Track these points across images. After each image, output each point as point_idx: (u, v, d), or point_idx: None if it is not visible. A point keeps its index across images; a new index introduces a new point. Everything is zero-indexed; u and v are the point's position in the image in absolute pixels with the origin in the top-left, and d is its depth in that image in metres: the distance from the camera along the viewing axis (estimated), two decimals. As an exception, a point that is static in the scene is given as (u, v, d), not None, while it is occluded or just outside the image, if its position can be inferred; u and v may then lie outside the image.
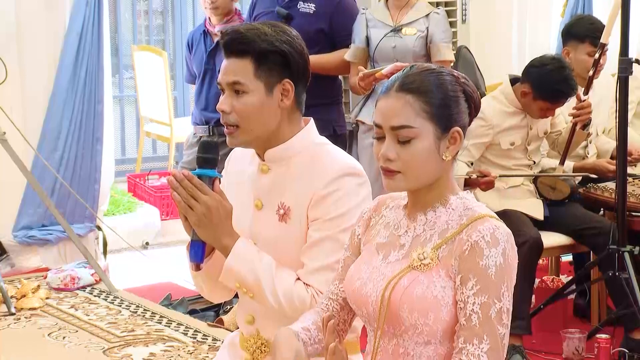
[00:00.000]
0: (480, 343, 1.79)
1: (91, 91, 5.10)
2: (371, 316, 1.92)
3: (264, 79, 2.17)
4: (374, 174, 4.11)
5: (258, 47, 2.15)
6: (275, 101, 2.19)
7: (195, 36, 4.89)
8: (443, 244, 1.87)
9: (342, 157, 2.25)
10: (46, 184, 4.94)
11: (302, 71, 2.22)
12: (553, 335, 3.96)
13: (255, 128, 2.19)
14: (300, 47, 2.22)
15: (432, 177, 1.90)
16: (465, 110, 1.92)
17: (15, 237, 5.02)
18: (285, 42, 2.17)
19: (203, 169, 2.14)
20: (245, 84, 2.17)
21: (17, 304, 4.41)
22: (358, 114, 4.28)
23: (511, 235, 1.86)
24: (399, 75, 1.92)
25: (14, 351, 3.90)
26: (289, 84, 2.19)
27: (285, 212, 2.21)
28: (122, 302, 4.51)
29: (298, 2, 4.18)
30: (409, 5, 4.18)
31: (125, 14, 7.72)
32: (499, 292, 1.81)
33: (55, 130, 5.04)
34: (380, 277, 1.91)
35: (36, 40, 5.01)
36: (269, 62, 2.16)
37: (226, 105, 2.20)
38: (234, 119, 2.19)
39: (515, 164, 4.09)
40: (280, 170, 2.24)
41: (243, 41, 2.16)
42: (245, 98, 2.18)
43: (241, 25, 2.21)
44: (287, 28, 2.23)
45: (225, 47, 2.19)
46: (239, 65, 2.17)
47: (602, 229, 3.95)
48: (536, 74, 3.95)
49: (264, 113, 2.18)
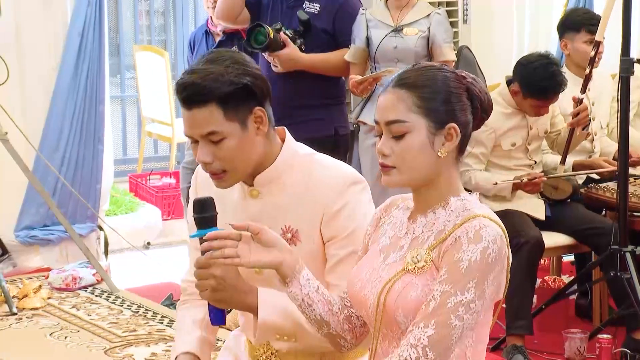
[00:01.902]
0: (425, 327, 1.77)
1: (92, 91, 5.11)
2: (370, 319, 1.92)
3: (236, 118, 2.10)
4: (376, 174, 4.12)
5: (219, 92, 2.07)
6: (252, 133, 2.13)
7: (197, 36, 4.90)
8: (437, 245, 1.86)
9: (339, 167, 2.22)
10: (48, 184, 4.95)
11: (266, 91, 2.15)
12: (555, 336, 3.96)
13: (243, 166, 2.14)
14: (256, 69, 2.15)
15: (427, 173, 1.89)
16: (467, 108, 1.90)
17: (17, 237, 5.03)
18: (241, 73, 2.10)
19: (201, 230, 2.04)
20: (221, 130, 2.08)
21: (19, 304, 4.42)
22: (359, 114, 4.28)
23: (502, 237, 1.83)
24: (398, 72, 1.93)
25: (16, 351, 3.91)
26: (260, 111, 2.13)
27: (293, 235, 2.17)
28: (124, 302, 4.52)
29: (304, 2, 4.17)
30: (410, 6, 4.17)
31: (127, 14, 7.73)
32: (464, 285, 1.78)
33: (56, 131, 5.05)
34: (378, 279, 1.91)
35: (37, 40, 5.02)
36: (234, 100, 2.09)
37: (207, 156, 2.11)
38: (219, 166, 2.12)
39: (516, 164, 4.09)
40: (273, 192, 2.19)
41: (203, 92, 2.07)
42: (224, 144, 2.10)
43: (193, 74, 2.09)
44: (235, 55, 2.14)
45: (186, 101, 2.09)
46: (206, 115, 2.08)
47: (603, 229, 3.94)
48: (523, 72, 3.96)
49: (246, 150, 2.13)
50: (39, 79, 5.04)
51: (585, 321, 4.25)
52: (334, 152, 4.25)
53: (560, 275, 4.63)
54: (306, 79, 4.16)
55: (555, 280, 4.41)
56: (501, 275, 1.85)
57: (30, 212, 5.08)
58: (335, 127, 4.23)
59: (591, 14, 4.33)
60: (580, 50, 4.30)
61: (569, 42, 4.35)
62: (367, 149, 4.25)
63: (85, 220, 5.15)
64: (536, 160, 4.14)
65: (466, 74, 1.94)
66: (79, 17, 5.04)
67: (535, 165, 4.14)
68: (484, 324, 1.90)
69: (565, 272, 4.80)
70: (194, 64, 2.13)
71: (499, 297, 1.88)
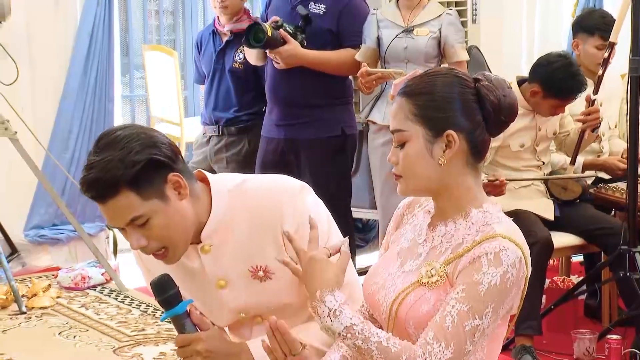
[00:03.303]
0: (446, 348, 1.76)
1: (102, 90, 5.14)
2: (383, 323, 1.93)
3: (152, 194, 1.97)
4: (385, 173, 4.12)
5: (126, 177, 1.94)
6: (175, 202, 2.00)
7: (204, 36, 4.90)
8: (453, 260, 1.85)
9: (274, 184, 2.13)
10: (57, 184, 4.98)
11: (172, 153, 2.02)
12: (564, 336, 3.96)
13: (180, 238, 2.03)
14: (150, 138, 1.99)
15: (430, 181, 1.87)
16: (474, 113, 1.86)
17: (27, 236, 5.06)
18: (139, 151, 1.96)
19: (170, 311, 1.99)
20: (142, 213, 1.97)
21: (28, 303, 4.44)
22: (368, 114, 4.27)
23: (521, 260, 1.82)
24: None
25: (25, 350, 3.93)
26: (175, 176, 2.00)
27: (264, 272, 2.10)
28: (133, 302, 4.53)
29: (310, 2, 4.19)
30: (420, 6, 4.17)
31: (136, 14, 7.74)
32: (482, 310, 1.78)
33: (66, 130, 5.09)
34: (392, 287, 1.91)
35: (47, 40, 5.05)
36: (144, 179, 1.96)
37: (140, 240, 2.00)
38: (156, 245, 2.02)
39: (524, 165, 4.08)
40: (223, 240, 2.09)
41: (108, 185, 1.94)
42: (151, 224, 1.98)
43: (93, 169, 1.95)
44: (127, 131, 1.99)
45: (96, 198, 1.98)
46: (122, 203, 1.96)
47: (613, 229, 3.93)
48: (544, 72, 3.95)
49: (176, 221, 2.00)
50: (49, 78, 5.07)
51: (595, 321, 4.24)
52: (341, 152, 4.30)
53: (569, 276, 4.62)
54: (312, 79, 4.18)
55: (564, 280, 4.40)
56: (517, 296, 1.85)
57: (39, 212, 5.11)
58: (342, 127, 4.26)
59: (607, 19, 4.28)
60: (590, 54, 4.29)
61: (580, 43, 4.35)
62: (376, 148, 4.25)
63: (94, 220, 5.18)
64: (544, 161, 4.13)
65: (484, 77, 1.89)
66: (89, 17, 5.08)
67: (544, 166, 4.14)
68: (498, 336, 1.91)
69: (574, 273, 4.80)
70: (89, 156, 1.99)
71: (513, 312, 1.88)
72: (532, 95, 3.99)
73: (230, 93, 4.72)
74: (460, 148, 1.85)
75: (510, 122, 1.92)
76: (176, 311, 1.99)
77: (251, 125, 4.66)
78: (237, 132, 4.62)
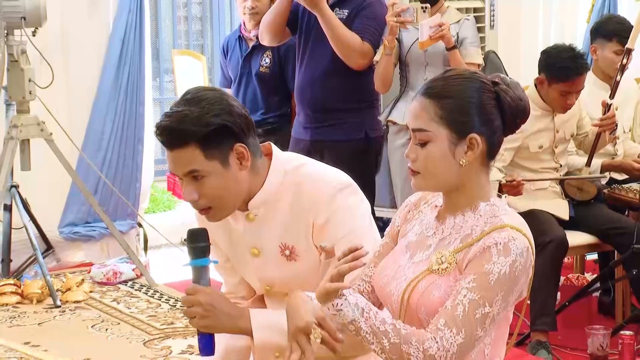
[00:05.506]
0: (457, 334, 1.80)
1: (133, 93, 5.18)
2: (395, 314, 1.96)
3: (216, 157, 2.08)
4: (405, 174, 4.14)
5: (197, 134, 2.04)
6: (235, 169, 2.11)
7: (230, 42, 4.94)
8: (463, 249, 1.89)
9: (325, 177, 2.20)
10: (90, 183, 5.03)
11: (245, 125, 2.12)
12: (578, 332, 3.94)
13: (228, 202, 2.13)
14: (230, 106, 2.09)
15: (451, 181, 1.91)
16: (494, 117, 1.91)
17: (61, 233, 5.12)
18: (217, 114, 2.06)
19: (195, 260, 2.06)
20: (201, 169, 2.07)
21: (63, 297, 4.50)
22: (389, 114, 4.30)
23: (528, 250, 1.86)
24: (428, 79, 1.98)
25: (59, 342, 3.97)
26: (241, 147, 2.10)
27: (291, 252, 2.19)
28: (162, 296, 4.58)
29: (334, 8, 4.22)
30: (440, 12, 4.21)
31: (166, 20, 7.84)
32: (492, 298, 1.82)
33: (98, 131, 5.12)
34: (403, 277, 1.94)
35: (81, 45, 5.10)
36: (213, 140, 2.06)
37: (192, 194, 2.11)
38: (204, 203, 2.12)
39: (542, 167, 4.09)
40: (268, 213, 2.19)
41: (180, 135, 2.05)
42: (206, 182, 2.09)
43: (170, 117, 2.07)
44: (213, 94, 2.10)
45: (165, 144, 2.09)
46: (187, 155, 2.07)
47: (626, 228, 3.94)
48: (546, 58, 3.98)
49: (230, 186, 2.11)
50: (82, 82, 5.11)
51: (608, 318, 4.23)
52: (364, 155, 4.32)
53: (584, 273, 4.63)
54: (337, 83, 4.21)
55: (579, 278, 4.43)
56: (525, 283, 1.89)
57: (73, 210, 5.16)
58: (365, 130, 4.27)
59: (625, 25, 4.30)
60: (608, 59, 4.31)
61: (598, 48, 4.36)
62: (397, 149, 4.28)
63: (126, 218, 5.23)
64: (562, 163, 4.13)
65: (501, 79, 1.93)
66: (121, 23, 5.12)
67: (561, 168, 4.14)
68: (504, 322, 1.94)
69: (588, 270, 4.79)
70: (173, 105, 2.10)
71: (521, 298, 1.94)
72: (540, 85, 3.99)
73: (256, 96, 4.77)
74: (479, 150, 1.91)
75: (522, 124, 1.98)
76: (199, 262, 2.06)
77: (277, 127, 4.72)
78: (264, 134, 4.62)
